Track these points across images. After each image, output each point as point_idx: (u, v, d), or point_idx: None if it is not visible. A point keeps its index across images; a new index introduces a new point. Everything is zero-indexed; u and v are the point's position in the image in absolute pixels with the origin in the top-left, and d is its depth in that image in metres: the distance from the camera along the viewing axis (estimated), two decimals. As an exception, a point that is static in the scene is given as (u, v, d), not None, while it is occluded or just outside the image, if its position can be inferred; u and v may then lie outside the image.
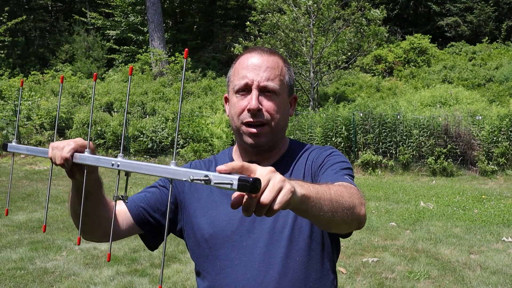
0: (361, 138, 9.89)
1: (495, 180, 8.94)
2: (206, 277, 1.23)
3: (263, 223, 1.18)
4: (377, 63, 19.11)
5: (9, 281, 4.12)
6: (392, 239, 5.35)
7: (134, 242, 5.17)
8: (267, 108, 1.19)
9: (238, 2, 24.48)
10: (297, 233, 1.18)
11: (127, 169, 0.86)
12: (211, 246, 1.21)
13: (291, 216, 1.18)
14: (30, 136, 12.20)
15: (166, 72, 17.91)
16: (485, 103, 12.80)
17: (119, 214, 1.24)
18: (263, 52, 1.23)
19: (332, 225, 0.99)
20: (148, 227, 1.27)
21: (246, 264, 1.17)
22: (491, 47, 20.22)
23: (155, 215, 1.27)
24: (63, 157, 0.98)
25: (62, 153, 0.98)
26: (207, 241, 1.22)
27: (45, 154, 1.03)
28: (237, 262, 1.17)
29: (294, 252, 1.17)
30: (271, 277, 1.15)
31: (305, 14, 12.76)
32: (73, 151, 0.98)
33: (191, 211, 1.26)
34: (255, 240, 1.18)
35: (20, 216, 6.32)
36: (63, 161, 0.98)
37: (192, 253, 1.29)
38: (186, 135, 11.12)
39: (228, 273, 1.18)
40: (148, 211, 1.26)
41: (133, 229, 1.26)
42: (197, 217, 1.25)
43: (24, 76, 18.04)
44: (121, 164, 0.86)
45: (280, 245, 1.17)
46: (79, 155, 0.98)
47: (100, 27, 23.33)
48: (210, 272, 1.22)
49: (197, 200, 1.26)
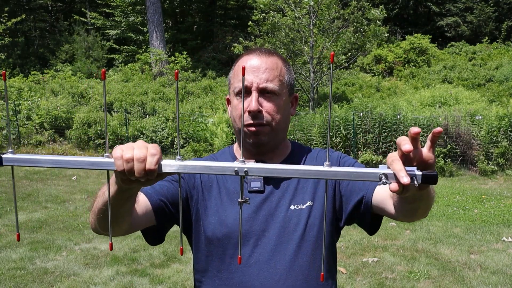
0: (361, 138, 9.89)
1: (495, 180, 8.94)
2: (217, 276, 1.23)
3: (276, 222, 1.20)
4: (377, 63, 19.12)
5: (9, 281, 4.12)
6: (392, 239, 5.35)
7: (134, 242, 5.16)
8: (267, 109, 1.20)
9: (238, 2, 24.48)
10: (309, 232, 1.20)
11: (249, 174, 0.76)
12: (224, 245, 1.21)
13: (304, 215, 1.20)
14: (30, 136, 12.20)
15: (166, 72, 17.91)
16: (485, 103, 12.80)
17: (140, 205, 1.18)
18: (262, 54, 1.23)
19: (428, 210, 1.07)
20: (163, 219, 1.23)
21: (262, 262, 1.18)
22: (491, 47, 20.23)
23: (171, 208, 1.23)
24: (149, 169, 0.80)
25: (146, 165, 0.80)
26: (220, 240, 1.22)
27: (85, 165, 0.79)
28: (253, 261, 1.19)
29: (307, 251, 1.20)
30: (287, 274, 1.18)
31: (305, 14, 12.76)
32: (159, 160, 0.82)
33: (202, 209, 1.26)
34: (269, 239, 1.19)
35: (20, 216, 6.32)
36: (145, 173, 0.81)
37: (200, 251, 1.28)
38: (186, 135, 11.13)
39: (244, 271, 1.19)
40: (166, 203, 1.22)
41: (150, 221, 1.21)
42: (209, 216, 1.25)
43: (24, 76, 18.03)
44: (249, 169, 0.76)
45: (293, 243, 1.19)
46: (167, 163, 0.81)
47: (100, 27, 23.34)
48: (223, 271, 1.22)
49: (208, 198, 1.26)
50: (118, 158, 0.81)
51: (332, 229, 1.26)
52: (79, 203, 7.12)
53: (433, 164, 0.80)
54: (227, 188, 1.26)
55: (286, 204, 1.22)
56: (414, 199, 0.96)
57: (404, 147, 0.74)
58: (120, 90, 15.05)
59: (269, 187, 1.24)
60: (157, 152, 0.82)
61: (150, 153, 0.81)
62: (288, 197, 1.22)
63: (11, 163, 0.79)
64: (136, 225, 1.18)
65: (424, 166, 0.78)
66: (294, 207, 1.21)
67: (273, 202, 1.22)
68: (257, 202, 1.22)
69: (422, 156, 0.79)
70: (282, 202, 1.22)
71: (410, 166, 0.75)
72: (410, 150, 0.74)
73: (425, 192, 0.92)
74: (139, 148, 0.82)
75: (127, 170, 0.81)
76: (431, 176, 0.75)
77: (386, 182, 0.74)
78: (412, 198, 0.95)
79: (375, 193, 1.16)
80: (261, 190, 1.23)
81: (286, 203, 1.22)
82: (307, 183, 1.24)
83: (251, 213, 1.21)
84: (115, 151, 0.82)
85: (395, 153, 0.77)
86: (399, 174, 0.72)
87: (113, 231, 1.08)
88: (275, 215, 1.21)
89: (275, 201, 1.22)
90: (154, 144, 0.84)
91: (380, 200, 1.14)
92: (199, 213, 1.27)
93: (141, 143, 0.84)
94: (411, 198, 0.95)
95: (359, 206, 1.20)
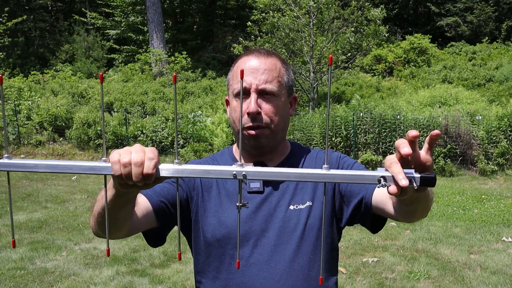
0: (361, 138, 9.89)
1: (495, 180, 8.93)
2: (217, 277, 1.23)
3: (276, 222, 1.20)
4: (377, 63, 19.11)
5: (9, 281, 4.12)
6: (392, 239, 5.35)
7: (134, 242, 5.17)
8: (266, 111, 1.20)
9: (238, 2, 24.47)
10: (309, 232, 1.20)
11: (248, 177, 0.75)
12: (223, 246, 1.22)
13: (303, 215, 1.21)
14: (30, 136, 12.20)
15: (166, 72, 17.92)
16: (485, 103, 12.80)
17: (140, 207, 1.17)
18: (260, 54, 1.23)
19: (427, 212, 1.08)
20: (164, 220, 1.22)
21: (262, 263, 1.18)
22: (491, 47, 20.22)
23: (172, 209, 1.23)
24: (146, 174, 0.80)
25: (144, 169, 0.80)
26: (219, 241, 1.22)
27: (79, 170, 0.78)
28: (253, 261, 1.19)
29: (307, 251, 1.20)
30: (288, 274, 1.18)
31: (305, 14, 12.76)
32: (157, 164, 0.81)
33: (202, 211, 1.26)
34: (269, 239, 1.19)
35: (20, 216, 6.32)
36: (142, 177, 0.80)
37: (200, 253, 1.28)
38: (186, 135, 11.13)
39: (244, 272, 1.19)
40: (167, 204, 1.22)
41: (151, 222, 1.21)
42: (208, 217, 1.25)
43: (24, 76, 18.04)
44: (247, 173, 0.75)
45: (293, 243, 1.19)
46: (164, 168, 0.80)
47: (100, 27, 23.34)
48: (223, 271, 1.22)
49: (208, 199, 1.26)
50: (116, 162, 0.80)
51: (332, 230, 1.26)
52: (79, 203, 7.12)
53: (431, 167, 0.80)
54: (227, 189, 1.26)
55: (286, 204, 1.22)
56: (412, 201, 0.96)
57: (403, 150, 0.74)
58: (120, 90, 15.05)
59: (268, 187, 1.24)
60: (155, 156, 0.81)
61: (148, 157, 0.80)
62: (287, 197, 1.23)
63: (7, 168, 0.77)
64: (136, 227, 1.17)
65: (422, 168, 0.79)
66: (293, 207, 1.21)
67: (273, 202, 1.22)
68: (256, 203, 1.22)
69: (420, 159, 0.79)
70: (282, 202, 1.22)
71: (408, 169, 0.76)
72: (409, 154, 0.74)
73: (422, 194, 0.93)
74: (137, 152, 0.81)
75: (124, 175, 0.80)
76: (429, 178, 0.75)
77: (385, 185, 0.74)
78: (410, 200, 0.95)
79: (375, 194, 1.16)
80: (261, 190, 1.23)
81: (285, 203, 1.22)
82: (306, 183, 1.24)
83: (251, 214, 1.21)
84: (112, 155, 0.81)
85: (393, 156, 0.77)
86: (398, 176, 0.73)
87: (113, 235, 1.10)
88: (274, 215, 1.21)
89: (274, 201, 1.22)
90: (151, 148, 0.83)
91: (379, 201, 1.14)
92: (198, 214, 1.27)
93: (138, 146, 0.83)
94: (409, 200, 0.94)
95: (359, 207, 1.20)
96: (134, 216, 1.13)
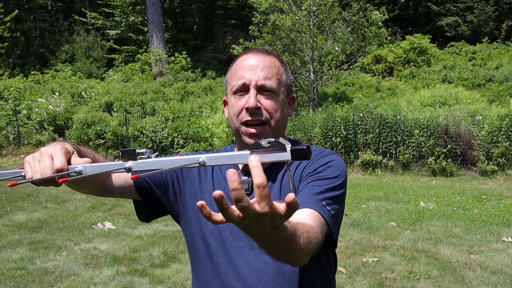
0: (361, 138, 9.88)
1: (495, 180, 8.93)
2: (201, 271, 1.25)
3: None
4: (377, 63, 19.11)
5: (9, 281, 4.12)
6: (392, 239, 5.34)
7: (134, 242, 5.17)
8: (265, 107, 1.19)
9: (238, 2, 24.48)
10: None
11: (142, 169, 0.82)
12: (208, 244, 1.23)
13: None
14: (30, 136, 12.21)
15: (166, 72, 17.91)
16: (485, 103, 12.80)
17: (119, 176, 1.24)
18: (259, 53, 1.23)
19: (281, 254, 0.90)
20: (146, 195, 1.28)
21: (243, 263, 1.18)
22: (491, 47, 20.22)
23: (155, 189, 1.28)
24: (56, 168, 0.91)
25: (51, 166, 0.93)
26: (203, 238, 1.24)
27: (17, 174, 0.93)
28: (234, 261, 1.19)
29: None
30: (269, 275, 1.16)
31: (305, 14, 12.75)
32: (65, 160, 0.94)
33: (189, 208, 1.28)
34: (251, 240, 1.17)
35: (20, 216, 6.32)
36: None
37: (189, 246, 1.31)
38: (186, 135, 11.13)
39: (225, 271, 1.20)
40: (149, 182, 1.28)
41: (131, 192, 1.27)
42: (194, 215, 1.27)
43: (24, 76, 18.04)
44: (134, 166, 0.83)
45: None
46: (81, 166, 0.88)
47: (100, 27, 23.35)
48: (207, 266, 1.24)
49: (194, 197, 1.28)
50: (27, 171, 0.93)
51: None
52: (79, 203, 7.12)
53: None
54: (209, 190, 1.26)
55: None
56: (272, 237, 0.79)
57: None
58: (120, 90, 15.05)
59: None
60: (63, 152, 0.92)
61: (55, 154, 0.92)
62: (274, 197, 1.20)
63: None
64: (110, 191, 1.24)
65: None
66: None
67: None
68: None
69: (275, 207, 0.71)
70: None
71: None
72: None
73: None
74: (43, 154, 0.92)
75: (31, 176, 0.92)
76: (300, 150, 0.65)
77: None
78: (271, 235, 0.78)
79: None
80: (248, 193, 1.21)
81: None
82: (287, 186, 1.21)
83: None
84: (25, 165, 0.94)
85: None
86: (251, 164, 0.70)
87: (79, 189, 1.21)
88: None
89: None
90: (59, 145, 0.95)
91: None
92: (186, 211, 1.29)
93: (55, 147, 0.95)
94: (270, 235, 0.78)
95: None
96: (108, 181, 1.22)
